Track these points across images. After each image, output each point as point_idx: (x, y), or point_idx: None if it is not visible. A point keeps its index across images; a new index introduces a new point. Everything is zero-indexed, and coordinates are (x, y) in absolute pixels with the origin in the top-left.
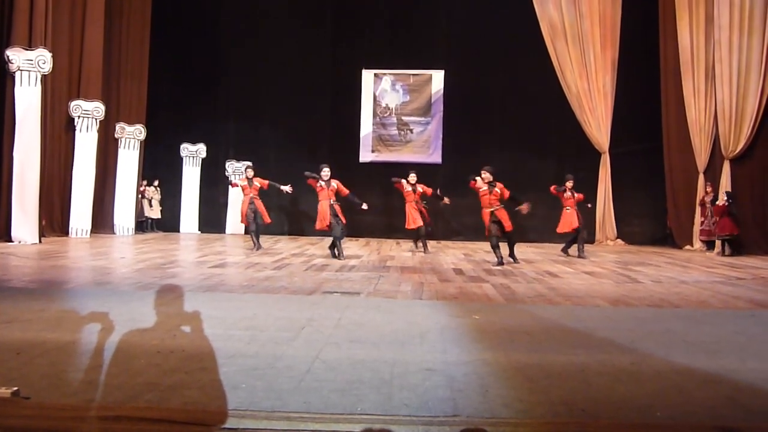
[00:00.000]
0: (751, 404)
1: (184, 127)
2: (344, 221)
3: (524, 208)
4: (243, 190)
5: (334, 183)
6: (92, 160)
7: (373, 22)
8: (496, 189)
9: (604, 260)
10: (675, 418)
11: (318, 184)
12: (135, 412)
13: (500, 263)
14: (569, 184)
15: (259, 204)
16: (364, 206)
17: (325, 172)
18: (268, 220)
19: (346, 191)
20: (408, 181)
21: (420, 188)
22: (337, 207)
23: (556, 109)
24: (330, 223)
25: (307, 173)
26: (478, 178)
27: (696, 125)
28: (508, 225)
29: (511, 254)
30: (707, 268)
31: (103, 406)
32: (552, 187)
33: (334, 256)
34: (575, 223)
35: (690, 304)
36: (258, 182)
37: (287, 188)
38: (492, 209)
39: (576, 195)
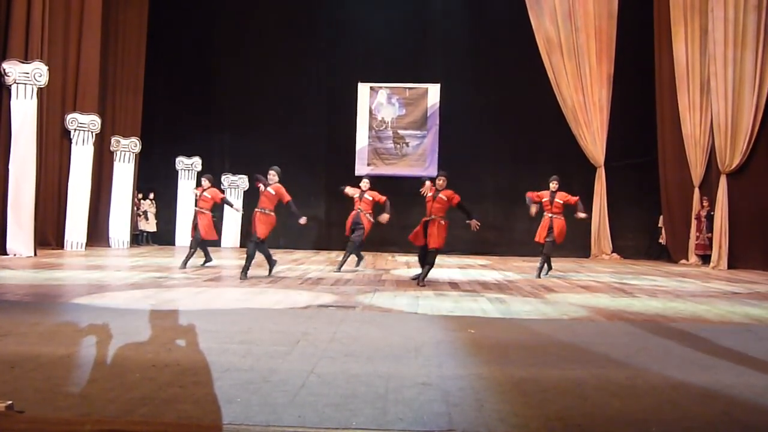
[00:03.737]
0: (746, 419)
1: (179, 140)
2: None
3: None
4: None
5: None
6: (88, 173)
7: (368, 35)
8: (442, 196)
9: (599, 274)
10: None
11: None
12: (129, 426)
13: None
14: (552, 185)
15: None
16: (303, 220)
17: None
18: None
19: (287, 197)
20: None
21: (369, 196)
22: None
23: (552, 122)
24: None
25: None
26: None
27: (691, 139)
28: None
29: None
30: (703, 283)
31: (97, 420)
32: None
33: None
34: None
35: (686, 318)
36: (210, 194)
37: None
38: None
39: (557, 199)
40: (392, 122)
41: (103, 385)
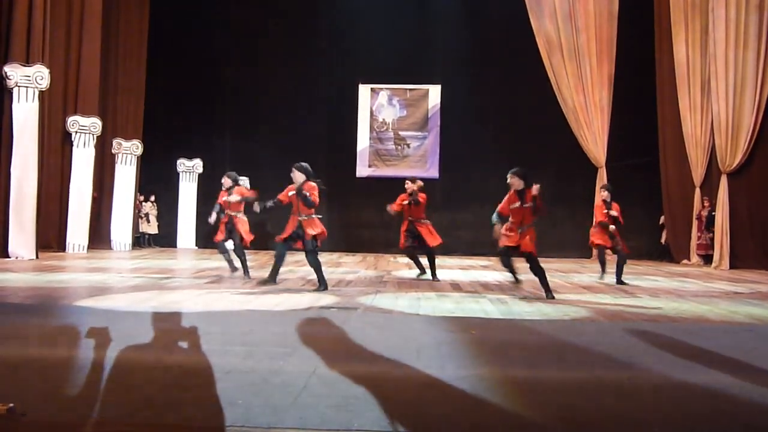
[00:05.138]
0: (749, 419)
1: (180, 142)
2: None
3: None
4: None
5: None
6: (89, 176)
7: (369, 36)
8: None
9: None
10: None
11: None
12: (131, 429)
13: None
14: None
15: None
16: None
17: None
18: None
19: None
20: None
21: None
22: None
23: (553, 123)
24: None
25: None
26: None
27: (692, 139)
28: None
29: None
30: (705, 282)
31: (99, 423)
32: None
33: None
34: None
35: (687, 318)
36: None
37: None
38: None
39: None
40: (393, 123)
41: (105, 387)
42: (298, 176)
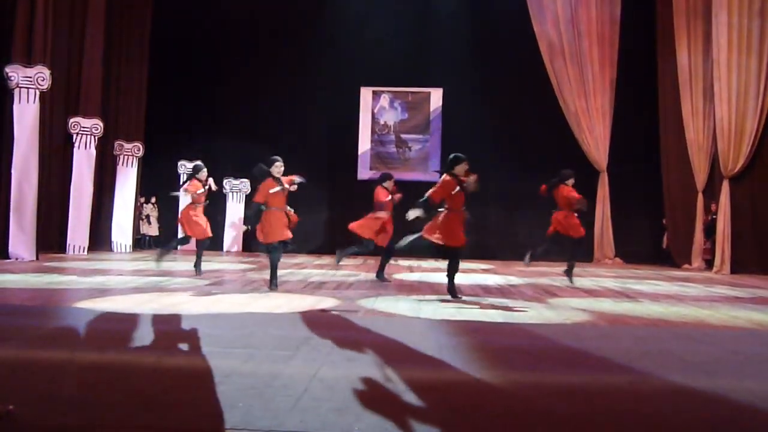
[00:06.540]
0: (750, 425)
1: (181, 144)
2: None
3: None
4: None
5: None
6: (90, 177)
7: (371, 39)
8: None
9: (602, 279)
10: None
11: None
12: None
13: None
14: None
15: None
16: None
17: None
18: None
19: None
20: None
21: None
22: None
23: (555, 128)
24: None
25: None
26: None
27: (694, 144)
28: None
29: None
30: (706, 287)
31: (98, 426)
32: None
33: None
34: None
35: (688, 323)
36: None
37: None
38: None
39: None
40: (395, 126)
41: (104, 389)
42: None
